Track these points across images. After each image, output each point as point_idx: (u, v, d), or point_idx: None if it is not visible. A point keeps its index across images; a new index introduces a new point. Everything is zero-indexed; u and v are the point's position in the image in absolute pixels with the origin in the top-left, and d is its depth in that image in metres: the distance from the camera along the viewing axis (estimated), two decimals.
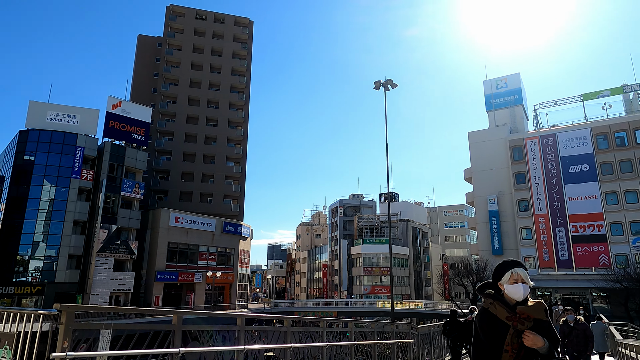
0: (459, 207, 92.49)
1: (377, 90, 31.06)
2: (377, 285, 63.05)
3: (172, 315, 4.37)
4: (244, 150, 60.41)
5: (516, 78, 56.16)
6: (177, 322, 4.29)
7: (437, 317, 52.16)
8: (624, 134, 45.02)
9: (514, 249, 48.15)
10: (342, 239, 70.73)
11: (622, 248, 42.72)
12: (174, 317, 4.36)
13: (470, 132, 55.16)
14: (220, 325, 5.54)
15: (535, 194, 47.99)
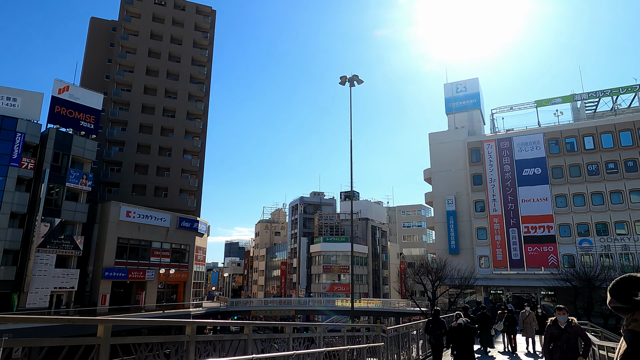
0: (417, 207, 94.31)
1: (343, 85, 30.51)
2: (336, 283, 62.84)
3: (98, 323, 3.25)
4: (203, 143, 58.24)
5: (475, 83, 57.56)
6: (104, 334, 3.20)
7: (394, 315, 52.63)
8: (574, 140, 47.17)
9: (470, 248, 49.34)
10: (301, 236, 70.01)
11: (569, 249, 44.76)
12: (100, 328, 3.25)
13: (430, 133, 56.04)
14: (163, 337, 4.47)
15: (490, 195, 49.38)
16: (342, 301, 51.69)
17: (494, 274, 46.96)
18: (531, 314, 16.56)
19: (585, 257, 43.46)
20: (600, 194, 44.66)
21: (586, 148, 46.38)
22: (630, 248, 42.33)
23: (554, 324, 7.17)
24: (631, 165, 44.04)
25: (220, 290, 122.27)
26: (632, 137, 44.65)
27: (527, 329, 16.46)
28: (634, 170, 43.73)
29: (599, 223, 44.14)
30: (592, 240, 43.97)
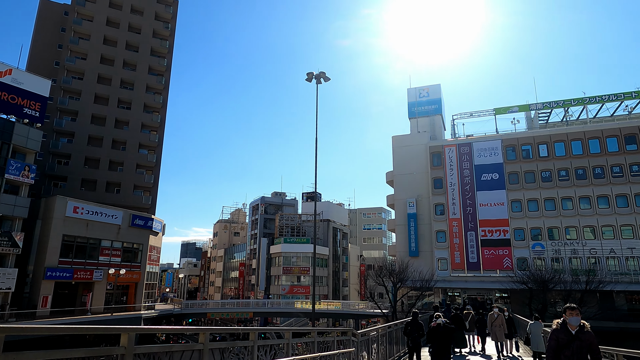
0: (377, 210, 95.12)
1: (309, 82, 29.78)
2: (295, 285, 61.92)
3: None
4: (161, 138, 55.67)
5: (437, 89, 58.61)
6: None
7: (354, 317, 52.39)
8: (529, 147, 48.91)
9: (429, 251, 49.99)
10: (262, 237, 68.59)
11: (523, 252, 46.27)
12: None
13: (394, 136, 56.48)
14: (87, 350, 3.40)
15: (450, 199, 50.28)
16: (302, 303, 50.87)
17: (452, 276, 47.77)
18: (500, 316, 15.73)
19: (537, 261, 45.06)
20: (552, 200, 46.49)
21: (540, 155, 48.21)
22: (579, 252, 44.28)
23: (562, 328, 5.64)
24: (581, 173, 46.15)
25: (175, 292, 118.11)
26: (582, 146, 46.84)
27: (496, 332, 15.55)
28: (584, 178, 45.85)
29: (551, 228, 45.93)
30: (544, 244, 45.67)
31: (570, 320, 5.60)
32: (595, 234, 44.27)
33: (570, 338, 5.49)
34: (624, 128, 46.01)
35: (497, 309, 16.32)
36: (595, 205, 44.74)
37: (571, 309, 5.70)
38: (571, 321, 5.59)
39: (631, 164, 44.56)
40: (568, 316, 5.67)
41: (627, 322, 38.26)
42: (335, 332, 7.32)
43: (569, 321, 5.63)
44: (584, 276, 35.87)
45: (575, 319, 5.60)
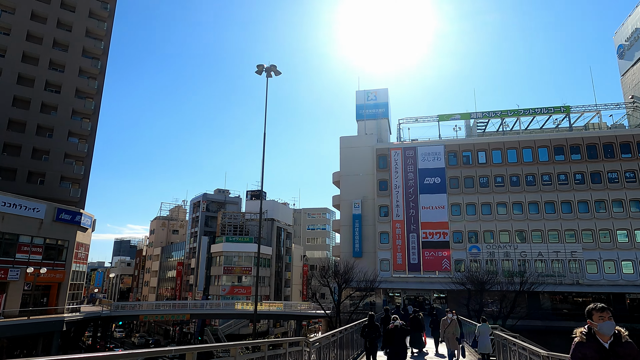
0: (322, 210, 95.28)
1: (259, 74, 28.70)
2: (236, 285, 60.05)
3: None
4: (94, 126, 51.45)
5: (384, 93, 59.54)
6: None
7: (296, 318, 51.72)
8: (470, 154, 50.99)
9: (373, 252, 50.49)
10: (202, 235, 65.87)
11: (460, 254, 48.09)
12: None
13: (342, 137, 56.56)
14: None
15: (394, 201, 51.15)
16: (243, 304, 49.29)
17: (394, 277, 48.57)
18: (454, 321, 14.55)
19: (473, 263, 47.02)
20: (488, 205, 48.76)
21: (479, 162, 50.42)
22: (510, 255, 46.79)
23: (588, 339, 3.90)
24: (515, 180, 48.83)
25: (105, 293, 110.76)
26: (517, 155, 49.60)
27: (449, 338, 14.33)
28: (517, 185, 48.55)
29: (486, 231, 48.14)
30: (480, 246, 47.76)
31: (602, 328, 3.83)
32: (525, 237, 47.00)
33: (602, 354, 3.79)
34: (553, 139, 49.32)
35: (450, 314, 15.12)
36: (526, 211, 47.51)
37: (601, 310, 3.92)
38: (603, 329, 3.83)
39: (559, 173, 47.84)
40: (597, 321, 3.89)
41: (552, 321, 40.88)
42: (287, 342, 6.52)
43: (599, 329, 3.86)
44: (517, 277, 37.79)
45: (608, 324, 3.85)
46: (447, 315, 15.24)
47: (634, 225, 44.61)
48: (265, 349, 5.89)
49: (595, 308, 3.97)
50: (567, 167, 47.73)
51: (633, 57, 54.21)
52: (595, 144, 47.85)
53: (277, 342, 6.60)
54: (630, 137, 47.27)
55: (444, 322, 15.06)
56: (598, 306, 3.98)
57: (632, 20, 54.24)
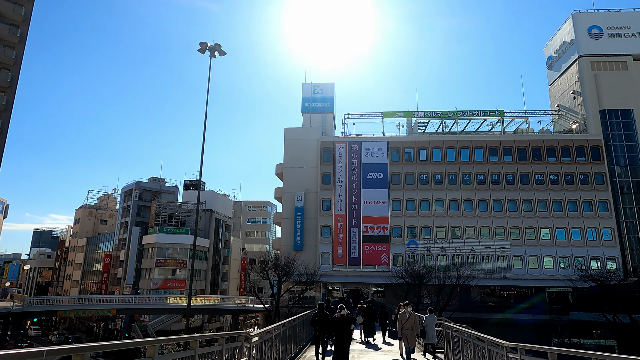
0: (263, 204, 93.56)
1: (202, 53, 26.90)
2: (170, 279, 56.96)
3: None
4: (10, 101, 45.92)
5: (331, 87, 59.23)
6: None
7: (233, 313, 50.01)
8: (411, 151, 52.13)
9: (314, 245, 50.06)
10: (133, 225, 61.74)
11: (399, 249, 49.06)
12: None
13: (286, 128, 55.50)
14: None
15: (337, 195, 51.04)
16: (176, 298, 46.75)
17: (334, 271, 48.49)
18: (413, 315, 13.03)
19: (411, 257, 48.16)
20: (427, 201, 50.16)
21: (420, 159, 51.71)
22: (446, 250, 48.50)
23: None
24: (452, 178, 50.64)
25: (21, 287, 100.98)
26: (455, 154, 51.48)
27: (407, 336, 12.81)
28: (454, 183, 50.39)
29: (424, 227, 49.51)
30: (418, 242, 49.03)
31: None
32: (460, 234, 48.95)
33: None
34: (488, 141, 51.79)
35: (410, 307, 13.48)
36: (461, 208, 49.46)
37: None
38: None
39: (492, 173, 50.32)
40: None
41: (481, 313, 42.88)
42: (223, 338, 5.51)
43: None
44: (454, 271, 39.12)
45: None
46: (406, 309, 13.45)
47: (555, 224, 48.04)
48: (196, 347, 4.82)
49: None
50: (499, 168, 50.32)
51: (560, 68, 58.34)
52: (525, 147, 50.87)
53: (211, 337, 5.54)
54: (555, 142, 50.79)
55: (401, 317, 13.18)
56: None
57: (560, 34, 58.31)
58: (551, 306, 45.86)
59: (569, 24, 55.98)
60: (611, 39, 53.63)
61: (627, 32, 53.75)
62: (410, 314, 13.08)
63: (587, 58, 53.49)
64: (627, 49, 53.27)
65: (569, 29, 55.71)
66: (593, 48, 53.65)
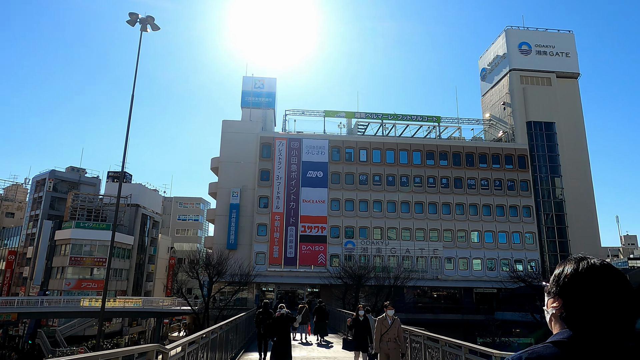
0: (196, 200, 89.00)
1: (132, 26, 24.11)
2: (86, 279, 51.56)
3: None
4: None
5: (273, 83, 57.46)
6: None
7: (157, 316, 46.29)
8: (352, 151, 51.80)
9: (248, 244, 47.84)
10: (45, 219, 55.24)
11: (336, 249, 48.36)
12: None
13: (224, 121, 52.79)
14: None
15: (275, 193, 49.28)
16: (91, 300, 42.13)
17: (269, 271, 46.62)
18: (397, 322, 9.36)
19: (348, 258, 47.62)
20: (366, 202, 50.03)
21: (360, 160, 51.53)
22: (382, 251, 48.63)
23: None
24: (391, 179, 51.03)
25: None
26: (394, 156, 51.97)
27: (390, 350, 9.06)
28: (392, 184, 50.80)
29: (362, 227, 49.30)
30: (355, 242, 48.67)
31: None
32: (396, 235, 49.35)
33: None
34: (426, 144, 52.96)
35: (391, 311, 9.47)
36: (398, 210, 49.94)
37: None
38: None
39: (429, 176, 51.41)
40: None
41: (414, 314, 43.27)
42: (120, 356, 3.84)
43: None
44: (393, 272, 39.03)
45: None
46: (386, 312, 9.44)
47: (484, 227, 50.11)
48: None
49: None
50: (435, 172, 51.55)
51: (493, 80, 61.44)
52: (459, 152, 52.62)
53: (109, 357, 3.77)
54: (487, 150, 53.12)
55: (381, 323, 9.33)
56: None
57: (494, 48, 61.45)
58: (478, 306, 47.67)
59: (502, 39, 59.09)
60: (538, 56, 57.38)
61: (552, 50, 57.83)
62: (393, 320, 9.37)
63: (517, 72, 56.74)
64: (552, 66, 57.29)
65: (502, 43, 58.82)
66: (523, 63, 57.03)
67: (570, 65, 57.88)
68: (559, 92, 56.50)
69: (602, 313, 1.36)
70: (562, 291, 1.44)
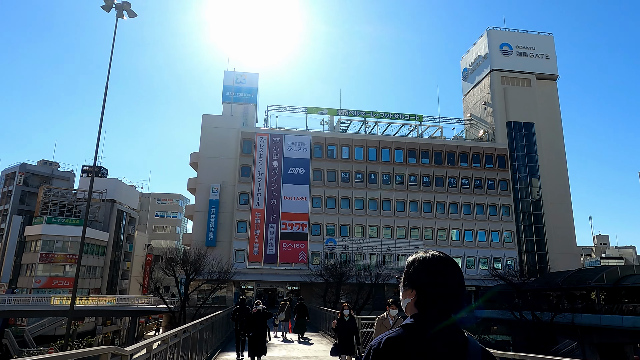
0: (175, 197, 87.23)
1: (107, 11, 23.09)
2: (58, 277, 49.72)
3: None
4: None
5: (255, 78, 56.55)
6: None
7: (132, 314, 44.99)
8: (334, 148, 51.38)
9: (228, 241, 46.92)
10: (15, 214, 53.06)
11: (317, 247, 47.87)
12: None
13: (205, 115, 51.66)
14: None
15: (256, 189, 48.48)
16: (63, 298, 40.55)
17: (249, 269, 45.83)
18: (400, 322, 4.13)
19: (329, 255, 47.19)
20: (347, 199, 49.70)
21: (343, 157, 51.15)
22: (363, 249, 48.39)
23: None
24: (373, 177, 50.83)
25: None
26: (377, 154, 51.78)
27: None
28: (374, 182, 50.61)
29: (343, 225, 48.94)
30: (336, 240, 48.29)
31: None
32: (377, 233, 49.18)
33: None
34: (408, 142, 52.97)
35: (394, 310, 7.94)
36: (380, 208, 49.77)
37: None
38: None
39: (410, 174, 51.42)
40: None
41: None
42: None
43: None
44: (375, 270, 38.81)
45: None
46: (389, 312, 7.94)
47: (464, 226, 50.43)
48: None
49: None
50: (417, 170, 51.59)
51: (474, 80, 61.93)
52: (441, 151, 52.81)
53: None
54: (468, 149, 53.47)
55: (381, 325, 7.91)
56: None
57: (476, 48, 61.94)
58: None
59: (484, 39, 59.58)
60: (519, 57, 58.08)
61: (532, 52, 58.63)
62: (396, 321, 7.83)
63: (498, 72, 57.29)
64: (532, 67, 58.07)
65: (484, 44, 59.31)
66: (504, 64, 57.62)
67: (549, 67, 58.80)
68: (539, 94, 57.34)
69: (442, 295, 1.65)
70: (413, 282, 1.72)
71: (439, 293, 1.64)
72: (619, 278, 34.74)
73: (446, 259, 1.73)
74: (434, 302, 1.64)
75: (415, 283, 1.70)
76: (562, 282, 34.48)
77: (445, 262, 1.72)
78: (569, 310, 33.54)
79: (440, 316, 1.62)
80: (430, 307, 1.64)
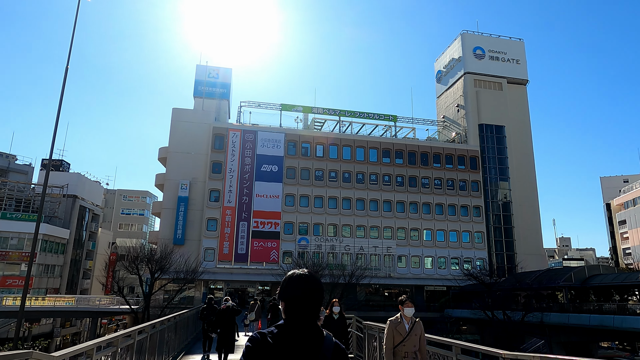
0: (142, 194, 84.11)
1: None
2: (11, 275, 46.70)
3: None
4: None
5: (228, 73, 55.16)
6: None
7: (92, 316, 42.70)
8: (309, 146, 50.62)
9: (197, 239, 45.38)
10: None
11: (290, 246, 46.98)
12: None
13: (175, 109, 49.87)
14: None
15: (227, 186, 47.13)
16: (16, 299, 37.96)
17: (218, 268, 44.43)
18: (418, 326, 6.17)
19: (301, 254, 46.37)
20: (321, 198, 49.04)
21: (317, 155, 50.46)
22: (336, 248, 47.83)
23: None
24: (347, 176, 50.38)
25: None
26: (351, 153, 51.37)
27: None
28: (348, 181, 50.17)
29: (316, 224, 48.23)
30: (309, 239, 47.53)
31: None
32: (350, 232, 48.74)
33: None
34: (383, 142, 52.86)
35: (410, 309, 6.18)
36: (353, 207, 49.36)
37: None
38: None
39: (384, 174, 51.29)
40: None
41: (366, 312, 42.64)
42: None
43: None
44: (348, 269, 38.22)
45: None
46: (403, 313, 6.13)
47: (436, 226, 50.69)
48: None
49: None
50: (391, 170, 51.51)
51: (448, 82, 62.56)
52: (415, 151, 52.94)
53: None
54: (441, 150, 53.85)
55: (393, 330, 6.06)
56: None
57: (450, 51, 62.60)
58: (429, 304, 48.08)
59: (458, 42, 60.26)
60: (491, 61, 59.05)
61: (503, 56, 59.74)
62: (413, 324, 6.10)
63: (472, 75, 58.04)
64: (503, 71, 59.16)
65: (458, 47, 59.99)
66: (477, 67, 58.43)
67: (520, 72, 60.07)
68: (509, 97, 58.45)
69: (301, 305, 2.07)
70: (282, 295, 2.13)
71: (299, 304, 2.06)
72: (586, 278, 35.57)
73: (306, 277, 2.15)
74: (296, 310, 2.06)
75: (283, 296, 2.13)
76: (532, 282, 34.97)
77: (305, 280, 2.14)
78: (538, 309, 34.01)
79: (301, 321, 2.06)
80: (293, 314, 2.06)
